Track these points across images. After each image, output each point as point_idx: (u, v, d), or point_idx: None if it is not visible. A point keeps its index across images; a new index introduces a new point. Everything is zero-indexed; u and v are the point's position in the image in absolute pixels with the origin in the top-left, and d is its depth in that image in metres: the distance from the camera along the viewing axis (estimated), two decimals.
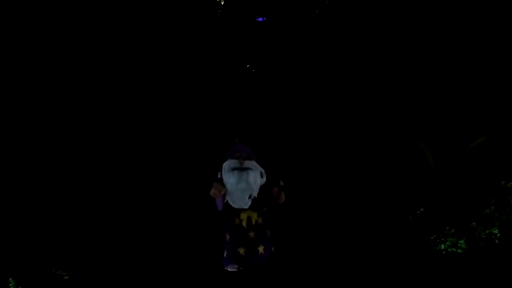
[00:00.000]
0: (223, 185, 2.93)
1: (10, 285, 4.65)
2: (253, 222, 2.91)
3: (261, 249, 2.89)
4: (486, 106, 5.99)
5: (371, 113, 6.48)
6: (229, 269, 2.93)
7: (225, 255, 2.95)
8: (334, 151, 6.52)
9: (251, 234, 2.91)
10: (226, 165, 2.98)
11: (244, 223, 2.93)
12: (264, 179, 2.99)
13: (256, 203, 2.89)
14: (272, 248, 2.99)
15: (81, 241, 5.44)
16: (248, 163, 2.96)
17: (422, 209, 5.72)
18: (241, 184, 2.87)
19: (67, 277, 4.91)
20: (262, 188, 3.00)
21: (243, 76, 6.79)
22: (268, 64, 6.84)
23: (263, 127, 6.37)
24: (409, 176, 6.16)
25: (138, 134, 6.29)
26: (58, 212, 5.69)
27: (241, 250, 2.88)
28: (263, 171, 3.01)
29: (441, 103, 6.14)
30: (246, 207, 2.88)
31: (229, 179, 2.92)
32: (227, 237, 2.95)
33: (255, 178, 2.91)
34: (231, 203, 2.93)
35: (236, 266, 2.89)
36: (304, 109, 6.67)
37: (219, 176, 3.01)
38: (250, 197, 2.88)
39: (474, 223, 5.30)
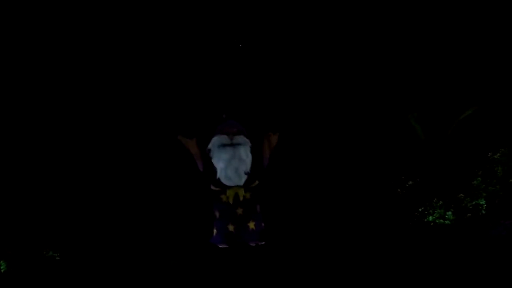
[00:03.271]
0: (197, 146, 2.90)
1: (1, 267, 4.65)
2: (241, 198, 2.89)
3: (251, 225, 2.87)
4: (473, 80, 6.00)
5: (361, 88, 6.46)
6: (219, 246, 2.93)
7: (214, 233, 2.93)
8: (324, 127, 6.51)
9: (239, 210, 2.89)
10: (216, 141, 2.92)
11: (230, 200, 2.90)
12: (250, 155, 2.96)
13: (248, 179, 2.87)
14: (263, 224, 2.98)
15: (71, 222, 5.44)
16: (238, 138, 2.92)
17: (410, 182, 5.78)
18: (235, 161, 2.83)
19: (59, 258, 4.92)
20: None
21: (229, 52, 6.70)
22: (255, 39, 6.74)
23: (250, 103, 6.32)
24: (398, 150, 6.20)
25: (123, 114, 6.24)
26: (48, 193, 5.66)
27: (231, 227, 2.87)
28: (251, 145, 2.97)
29: (429, 77, 6.13)
30: (242, 183, 2.84)
31: (221, 155, 2.86)
32: (217, 214, 2.92)
33: (247, 153, 2.88)
34: (224, 181, 2.87)
35: (226, 243, 2.88)
36: (292, 85, 6.62)
37: (208, 148, 2.95)
38: (245, 173, 2.85)
39: (461, 194, 5.38)
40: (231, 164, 2.88)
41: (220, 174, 2.89)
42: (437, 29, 6.09)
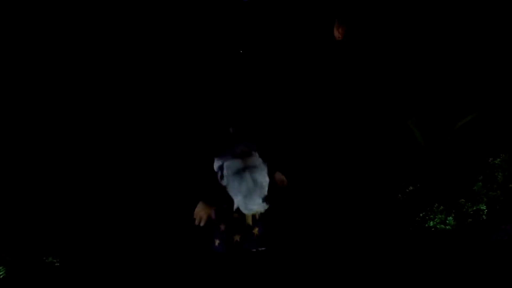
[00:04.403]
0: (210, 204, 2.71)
1: (0, 273, 4.62)
2: (257, 217, 2.84)
3: (255, 231, 2.87)
4: (474, 85, 6.02)
5: (359, 92, 6.47)
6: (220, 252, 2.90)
7: (216, 243, 2.89)
8: (322, 132, 6.51)
9: (249, 220, 2.88)
10: (229, 167, 2.79)
11: (249, 221, 2.84)
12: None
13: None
14: (263, 229, 2.98)
15: (71, 227, 5.41)
16: (252, 160, 2.81)
17: (411, 188, 5.78)
18: (256, 192, 2.70)
19: (58, 264, 4.90)
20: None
21: (229, 61, 6.69)
22: (255, 45, 6.75)
23: (254, 113, 6.31)
24: (398, 155, 6.20)
25: (122, 120, 6.22)
26: (48, 198, 5.64)
27: (237, 237, 2.85)
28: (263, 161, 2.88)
29: (429, 81, 6.15)
30: (263, 210, 2.75)
31: (239, 187, 2.73)
32: (222, 227, 2.88)
33: (264, 175, 2.76)
34: (244, 210, 2.75)
35: (229, 251, 2.86)
36: (289, 90, 6.61)
37: (215, 167, 2.84)
38: (263, 200, 2.74)
39: (462, 199, 5.38)
40: (252, 196, 2.75)
41: (237, 204, 2.76)
42: (437, 33, 6.11)
